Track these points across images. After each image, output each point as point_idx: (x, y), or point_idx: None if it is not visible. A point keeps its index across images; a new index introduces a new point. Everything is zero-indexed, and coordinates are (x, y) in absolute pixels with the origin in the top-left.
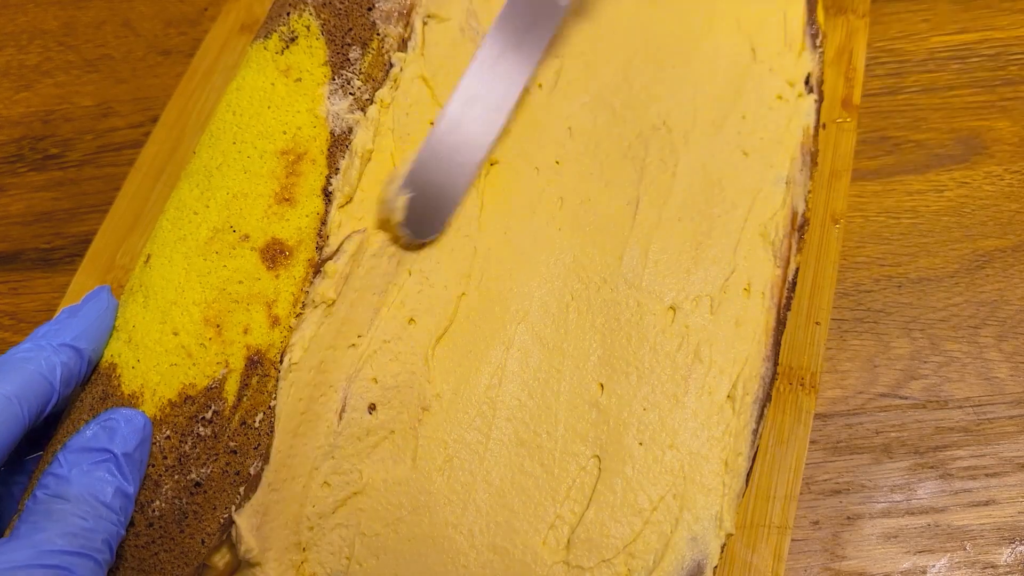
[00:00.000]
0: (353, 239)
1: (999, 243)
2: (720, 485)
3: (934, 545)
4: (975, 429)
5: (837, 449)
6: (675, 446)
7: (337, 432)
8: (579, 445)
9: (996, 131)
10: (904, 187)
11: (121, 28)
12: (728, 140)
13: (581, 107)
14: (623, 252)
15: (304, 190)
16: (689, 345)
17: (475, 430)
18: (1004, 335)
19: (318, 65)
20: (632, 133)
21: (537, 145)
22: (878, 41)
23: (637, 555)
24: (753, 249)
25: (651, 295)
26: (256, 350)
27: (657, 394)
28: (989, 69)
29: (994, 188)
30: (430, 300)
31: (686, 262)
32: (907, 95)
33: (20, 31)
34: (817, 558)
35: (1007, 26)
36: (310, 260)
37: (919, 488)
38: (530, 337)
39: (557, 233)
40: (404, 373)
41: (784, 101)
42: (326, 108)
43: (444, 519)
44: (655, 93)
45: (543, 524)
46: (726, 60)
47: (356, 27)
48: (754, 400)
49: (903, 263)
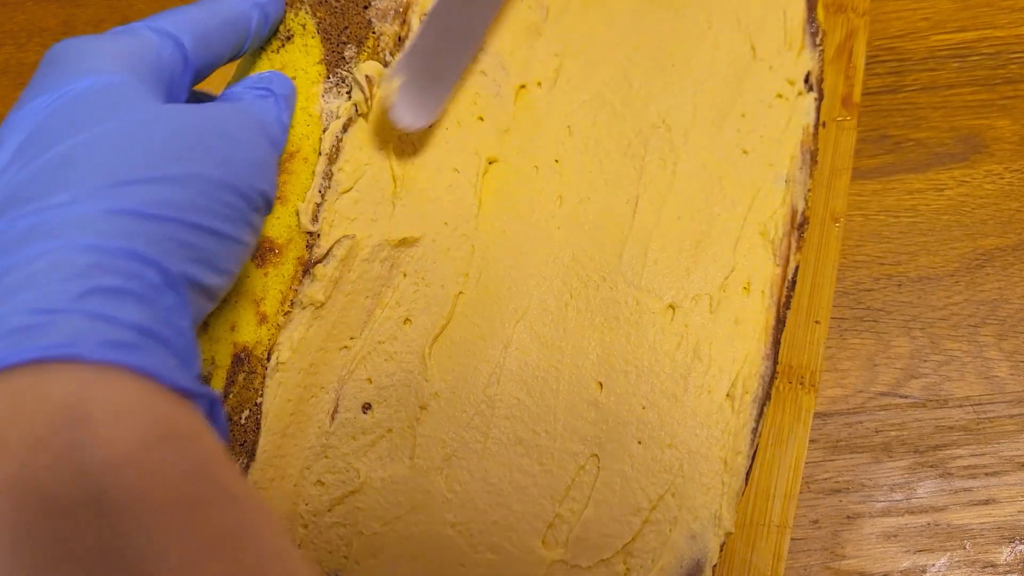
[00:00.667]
0: (343, 243)
1: (999, 242)
2: (719, 484)
3: (934, 544)
4: (975, 428)
5: (837, 448)
6: (674, 445)
7: (330, 433)
8: (578, 444)
9: (996, 130)
10: (904, 186)
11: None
12: (728, 138)
13: (581, 105)
14: (622, 250)
15: (295, 188)
16: (688, 344)
17: (473, 429)
18: (1004, 334)
19: (313, 63)
20: (632, 131)
21: (536, 143)
22: (878, 39)
23: (636, 554)
24: (753, 247)
25: (650, 293)
26: (243, 347)
27: (656, 393)
28: (989, 68)
29: (994, 187)
30: (426, 299)
31: (685, 260)
32: (907, 93)
33: (19, 29)
34: (817, 557)
35: (1007, 25)
36: (300, 258)
37: (919, 487)
38: (528, 335)
39: (556, 231)
40: (400, 372)
41: (784, 99)
42: (320, 106)
43: (442, 518)
44: (655, 91)
45: (541, 523)
46: (726, 58)
47: (352, 25)
48: (753, 399)
49: (903, 262)
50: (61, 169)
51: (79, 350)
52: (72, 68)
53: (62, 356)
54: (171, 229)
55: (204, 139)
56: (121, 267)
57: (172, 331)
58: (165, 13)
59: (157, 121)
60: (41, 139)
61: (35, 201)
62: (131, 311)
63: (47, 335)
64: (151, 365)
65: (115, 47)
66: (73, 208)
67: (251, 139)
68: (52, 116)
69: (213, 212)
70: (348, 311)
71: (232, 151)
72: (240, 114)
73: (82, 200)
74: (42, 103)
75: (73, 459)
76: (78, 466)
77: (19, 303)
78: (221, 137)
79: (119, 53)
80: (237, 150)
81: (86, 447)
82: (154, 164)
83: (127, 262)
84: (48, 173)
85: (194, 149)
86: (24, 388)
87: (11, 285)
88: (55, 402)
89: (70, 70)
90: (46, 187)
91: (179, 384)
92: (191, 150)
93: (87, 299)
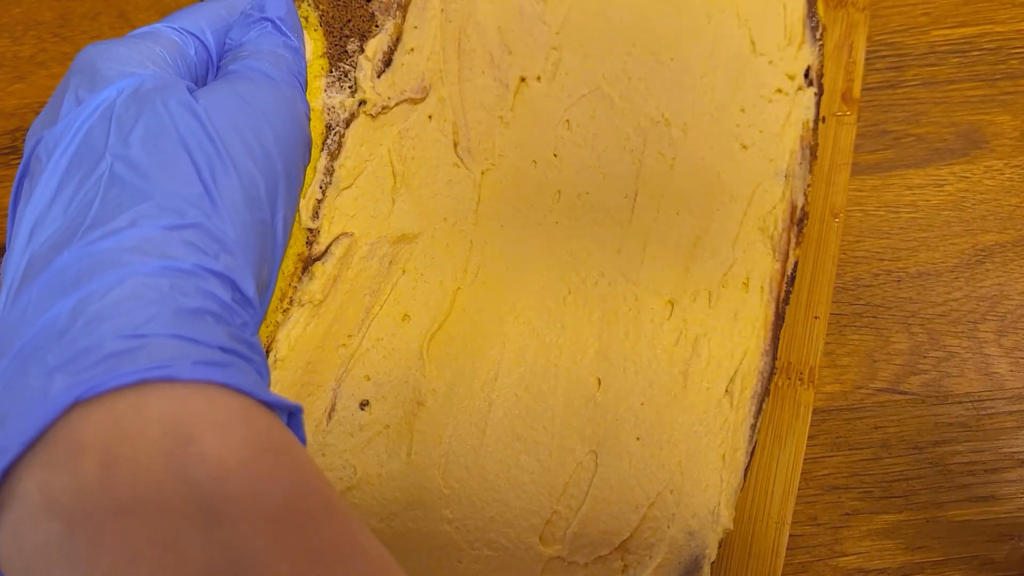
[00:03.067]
0: (341, 242)
1: (999, 238)
2: (718, 480)
3: (932, 541)
4: (974, 425)
5: (836, 444)
6: (672, 441)
7: (326, 431)
8: (575, 440)
9: (996, 125)
10: (904, 181)
11: (116, 19)
12: (727, 133)
13: (579, 100)
14: (621, 245)
15: None
16: (687, 339)
17: (471, 425)
18: (1004, 330)
19: (316, 57)
20: (630, 126)
21: (534, 138)
22: (878, 34)
23: (634, 551)
24: (752, 243)
25: (649, 289)
26: None
27: (654, 389)
28: (990, 63)
29: (994, 182)
30: (425, 296)
31: (684, 256)
32: (907, 89)
33: (14, 22)
34: (815, 553)
35: (1008, 20)
36: (300, 255)
37: (918, 484)
38: (527, 332)
39: (554, 226)
40: (398, 369)
41: (783, 94)
42: (323, 101)
43: (440, 514)
44: (654, 86)
45: (539, 519)
46: (725, 53)
47: (355, 19)
48: (752, 395)
49: (903, 257)
50: (120, 188)
51: (174, 371)
52: (106, 73)
53: (159, 377)
54: (235, 234)
55: (254, 127)
56: (196, 287)
57: (247, 347)
58: (184, 12)
59: (207, 117)
60: (91, 154)
61: (100, 226)
62: (213, 331)
63: (142, 359)
64: (240, 381)
65: (146, 49)
66: (135, 231)
67: (288, 118)
68: (96, 128)
69: (271, 204)
70: (346, 309)
71: (279, 134)
72: (276, 97)
73: (142, 221)
74: (82, 113)
75: (180, 475)
76: (187, 481)
77: (107, 330)
78: (265, 121)
79: (151, 55)
80: (283, 132)
81: (192, 462)
82: (212, 165)
83: (201, 280)
84: (110, 194)
85: (246, 143)
86: (126, 410)
87: (95, 314)
88: (158, 422)
89: (105, 75)
90: (110, 210)
91: (265, 398)
92: (244, 144)
93: (172, 322)
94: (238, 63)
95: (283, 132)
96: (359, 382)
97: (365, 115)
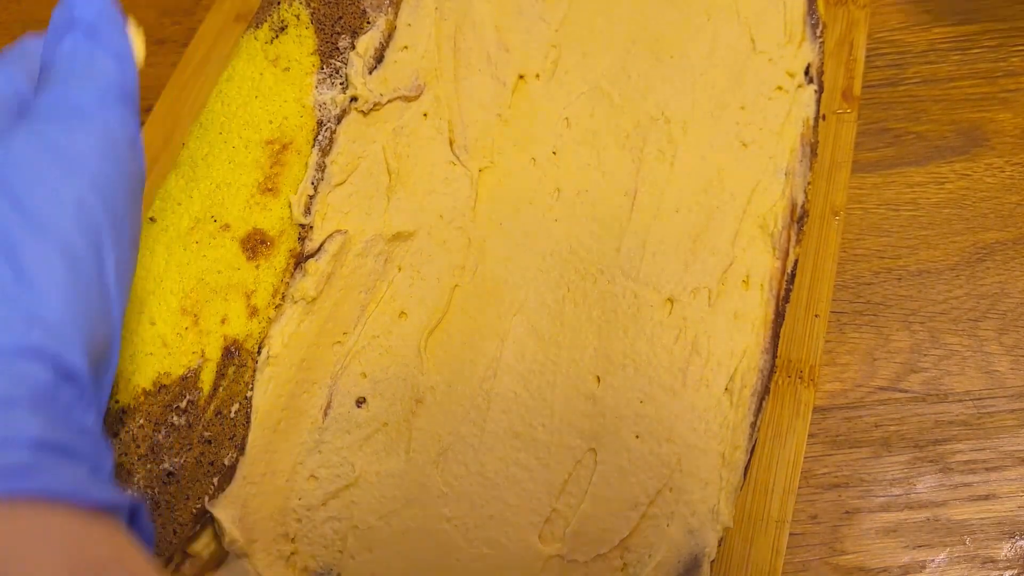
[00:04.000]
0: (335, 239)
1: (1000, 236)
2: (717, 479)
3: (933, 539)
4: (975, 423)
5: (836, 443)
6: (672, 439)
7: (323, 428)
8: (575, 438)
9: (997, 123)
10: (904, 179)
11: None
12: (727, 131)
13: (579, 97)
14: (620, 243)
15: (288, 180)
16: (687, 337)
17: (470, 423)
18: (1005, 328)
19: (307, 54)
20: (630, 123)
21: (534, 135)
22: (879, 32)
23: (633, 549)
24: (752, 241)
25: (648, 286)
26: (233, 340)
27: (654, 387)
28: (990, 60)
29: (995, 180)
30: (422, 293)
31: (684, 253)
32: (907, 86)
33: (14, 20)
34: (815, 552)
35: (1008, 17)
36: (292, 251)
37: (918, 482)
38: (525, 329)
39: (553, 224)
40: (396, 366)
41: (784, 92)
42: (314, 98)
43: (438, 512)
44: (653, 83)
45: (538, 518)
46: (725, 50)
47: (346, 15)
48: (752, 393)
49: (903, 255)
50: None
51: None
52: None
53: None
54: (54, 302)
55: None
56: (3, 369)
57: (73, 433)
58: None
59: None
60: None
61: None
62: (25, 423)
63: None
64: (57, 486)
65: None
66: None
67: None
68: None
69: (96, 257)
70: (341, 306)
71: (96, 178)
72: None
73: None
74: None
75: None
76: None
77: None
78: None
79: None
80: (101, 173)
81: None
82: (12, 233)
83: (7, 362)
84: None
85: (56, 198)
86: None
87: None
88: None
89: None
90: None
91: (92, 499)
92: (53, 200)
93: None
94: (43, 95)
95: (101, 173)
96: (355, 379)
97: (357, 112)
